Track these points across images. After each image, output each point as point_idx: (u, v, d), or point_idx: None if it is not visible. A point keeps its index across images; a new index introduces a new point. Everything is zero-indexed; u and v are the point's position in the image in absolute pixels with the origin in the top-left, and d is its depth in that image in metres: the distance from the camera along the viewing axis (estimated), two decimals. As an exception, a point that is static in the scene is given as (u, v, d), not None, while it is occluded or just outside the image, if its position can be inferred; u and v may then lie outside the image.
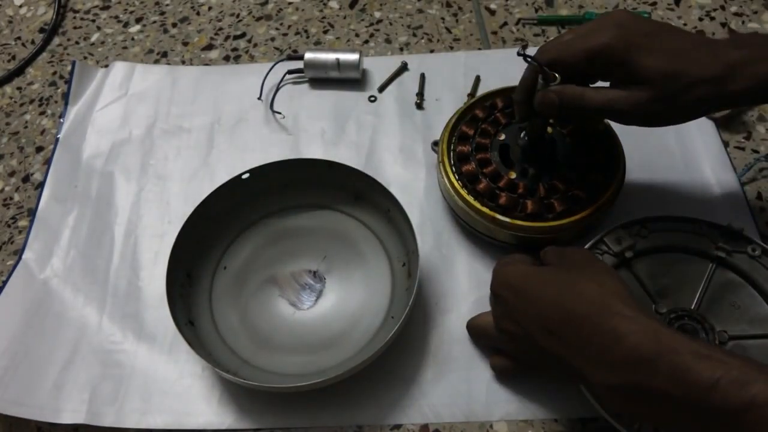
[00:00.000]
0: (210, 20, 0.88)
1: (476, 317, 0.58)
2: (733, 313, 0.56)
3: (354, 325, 0.61)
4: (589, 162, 0.61)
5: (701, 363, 0.37)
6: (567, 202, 0.58)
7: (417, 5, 0.87)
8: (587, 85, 0.52)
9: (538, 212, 0.58)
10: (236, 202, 0.65)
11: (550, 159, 0.61)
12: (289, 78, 0.79)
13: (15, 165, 0.77)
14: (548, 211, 0.58)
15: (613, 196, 0.59)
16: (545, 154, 0.60)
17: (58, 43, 0.88)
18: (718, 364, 0.37)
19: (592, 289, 0.44)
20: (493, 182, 0.60)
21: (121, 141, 0.76)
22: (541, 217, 0.58)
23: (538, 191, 0.59)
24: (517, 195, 0.59)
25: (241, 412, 0.57)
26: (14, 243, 0.70)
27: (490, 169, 0.61)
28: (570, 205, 0.58)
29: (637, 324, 0.41)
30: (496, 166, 0.61)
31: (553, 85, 0.51)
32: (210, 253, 0.65)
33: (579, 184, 0.59)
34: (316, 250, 0.65)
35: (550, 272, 0.50)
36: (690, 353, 0.38)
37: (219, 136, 0.76)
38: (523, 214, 0.58)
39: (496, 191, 0.60)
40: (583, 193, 0.59)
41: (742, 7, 0.83)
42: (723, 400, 0.36)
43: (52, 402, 0.58)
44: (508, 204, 0.59)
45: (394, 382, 0.58)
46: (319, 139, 0.74)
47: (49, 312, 0.64)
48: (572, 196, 0.59)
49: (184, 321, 0.58)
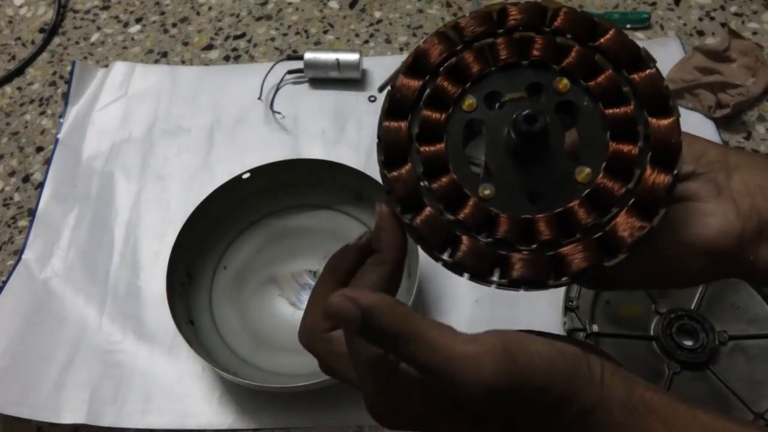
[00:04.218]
0: (210, 20, 0.88)
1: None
2: (733, 313, 0.56)
3: (354, 325, 0.61)
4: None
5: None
6: (591, 250, 0.31)
7: (417, 5, 0.87)
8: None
9: (536, 277, 0.31)
10: (236, 202, 0.65)
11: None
12: (289, 78, 0.79)
13: (15, 165, 0.77)
14: (558, 272, 0.31)
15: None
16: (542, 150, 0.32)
17: (58, 43, 0.88)
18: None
19: None
20: (447, 209, 0.33)
21: (121, 141, 0.76)
22: (543, 284, 0.32)
23: (537, 228, 0.32)
24: (492, 242, 0.32)
25: (241, 412, 0.57)
26: (14, 243, 0.70)
27: (441, 183, 0.33)
28: (598, 256, 0.31)
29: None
30: (454, 173, 0.33)
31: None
32: (210, 253, 0.65)
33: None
34: (316, 250, 0.65)
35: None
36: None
37: (219, 136, 0.76)
38: (506, 280, 0.31)
39: (450, 232, 0.33)
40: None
41: (742, 7, 0.83)
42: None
43: (52, 402, 0.58)
44: (472, 260, 0.32)
45: (394, 382, 0.58)
46: (319, 139, 0.74)
47: (49, 312, 0.63)
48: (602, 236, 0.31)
49: (184, 321, 0.58)
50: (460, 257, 0.32)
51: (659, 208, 0.31)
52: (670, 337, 0.54)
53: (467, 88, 0.33)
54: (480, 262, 0.32)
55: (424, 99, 0.34)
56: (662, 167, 0.31)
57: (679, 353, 0.54)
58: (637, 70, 0.32)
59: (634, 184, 0.31)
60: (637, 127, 0.32)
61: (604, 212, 0.31)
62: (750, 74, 0.74)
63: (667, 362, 0.54)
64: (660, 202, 0.31)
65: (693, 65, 0.74)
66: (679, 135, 0.31)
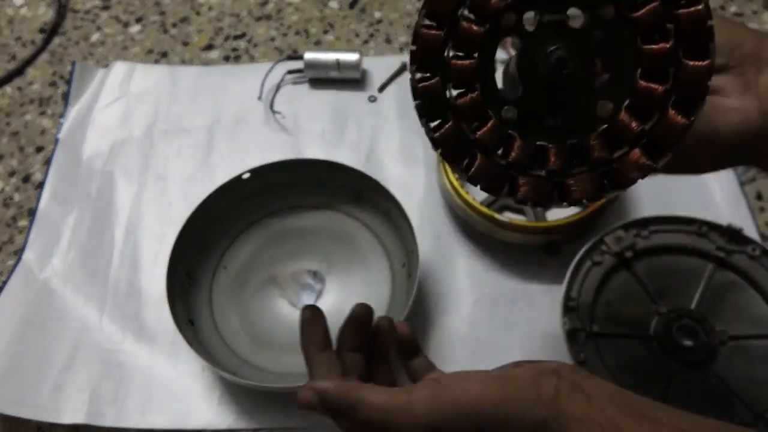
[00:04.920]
0: (210, 20, 0.88)
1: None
2: (733, 313, 0.56)
3: (354, 325, 0.61)
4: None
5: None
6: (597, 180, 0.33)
7: (417, 5, 0.87)
8: None
9: (539, 200, 0.34)
10: (236, 202, 0.65)
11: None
12: (289, 78, 0.79)
13: (15, 165, 0.77)
14: (561, 197, 0.34)
15: (614, 196, 0.58)
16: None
17: (58, 43, 0.88)
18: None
19: None
20: (468, 126, 0.34)
21: (121, 141, 0.76)
22: (546, 204, 0.35)
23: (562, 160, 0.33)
24: (505, 163, 0.34)
25: (241, 412, 0.57)
26: (14, 243, 0.70)
27: (466, 99, 0.34)
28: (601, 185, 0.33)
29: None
30: (480, 91, 0.33)
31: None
32: (210, 253, 0.65)
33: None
34: (316, 250, 0.65)
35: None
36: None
37: (219, 136, 0.76)
38: (513, 197, 0.35)
39: (467, 148, 0.34)
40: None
41: (742, 7, 0.83)
42: None
43: (52, 402, 0.58)
44: (482, 178, 0.34)
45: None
46: (319, 139, 0.74)
47: (49, 312, 0.63)
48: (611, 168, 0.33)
49: (184, 321, 0.58)
50: (473, 173, 0.34)
51: (667, 153, 0.32)
52: (670, 337, 0.54)
53: (509, 3, 0.32)
54: (490, 180, 0.34)
55: (463, 10, 0.33)
56: (683, 111, 0.32)
57: (679, 353, 0.54)
58: (685, 4, 0.31)
59: (651, 125, 0.32)
60: (669, 68, 0.31)
61: (616, 149, 0.33)
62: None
63: (667, 362, 0.54)
64: (671, 147, 0.32)
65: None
66: (708, 81, 0.31)
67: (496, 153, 0.34)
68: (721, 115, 0.35)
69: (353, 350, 0.39)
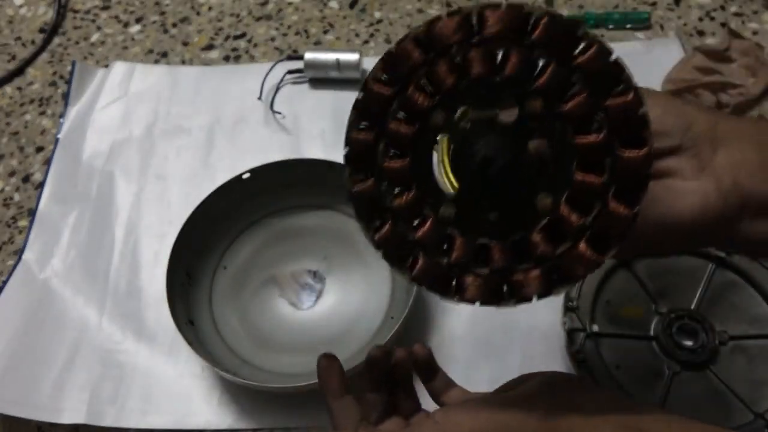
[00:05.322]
0: (210, 20, 0.88)
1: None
2: (733, 313, 0.56)
3: (354, 325, 0.61)
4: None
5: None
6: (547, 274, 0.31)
7: (417, 5, 0.87)
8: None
9: (488, 299, 0.33)
10: (236, 202, 0.65)
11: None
12: (289, 78, 0.79)
13: (15, 165, 0.77)
14: (510, 295, 0.32)
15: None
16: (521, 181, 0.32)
17: (58, 43, 0.88)
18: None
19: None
20: (407, 227, 0.33)
21: (121, 141, 0.76)
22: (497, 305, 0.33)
23: (492, 254, 0.32)
24: (448, 263, 0.32)
25: (241, 412, 0.57)
26: (14, 243, 0.70)
27: (402, 200, 0.33)
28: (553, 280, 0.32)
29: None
30: (417, 190, 0.33)
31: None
32: (210, 253, 0.65)
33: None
34: (316, 250, 0.65)
35: None
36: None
37: (219, 136, 0.76)
38: (460, 298, 0.33)
39: (408, 250, 0.33)
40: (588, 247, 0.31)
41: (742, 7, 0.83)
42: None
43: (52, 402, 0.58)
44: (426, 280, 0.33)
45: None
46: (319, 139, 0.74)
47: (49, 312, 0.63)
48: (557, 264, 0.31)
49: (184, 321, 0.58)
50: (415, 275, 0.33)
51: (613, 246, 0.30)
52: (670, 337, 0.54)
53: (437, 101, 0.32)
54: (435, 282, 0.33)
55: (393, 111, 0.33)
56: (625, 201, 0.30)
57: (679, 353, 0.54)
58: (615, 94, 0.30)
59: (594, 217, 0.30)
60: (605, 159, 0.30)
61: (560, 243, 0.31)
62: (750, 74, 0.74)
63: (667, 362, 0.54)
64: (616, 240, 0.30)
65: (693, 65, 0.74)
66: (648, 170, 0.29)
67: (438, 252, 0.32)
68: (679, 199, 0.33)
69: (373, 391, 0.39)
